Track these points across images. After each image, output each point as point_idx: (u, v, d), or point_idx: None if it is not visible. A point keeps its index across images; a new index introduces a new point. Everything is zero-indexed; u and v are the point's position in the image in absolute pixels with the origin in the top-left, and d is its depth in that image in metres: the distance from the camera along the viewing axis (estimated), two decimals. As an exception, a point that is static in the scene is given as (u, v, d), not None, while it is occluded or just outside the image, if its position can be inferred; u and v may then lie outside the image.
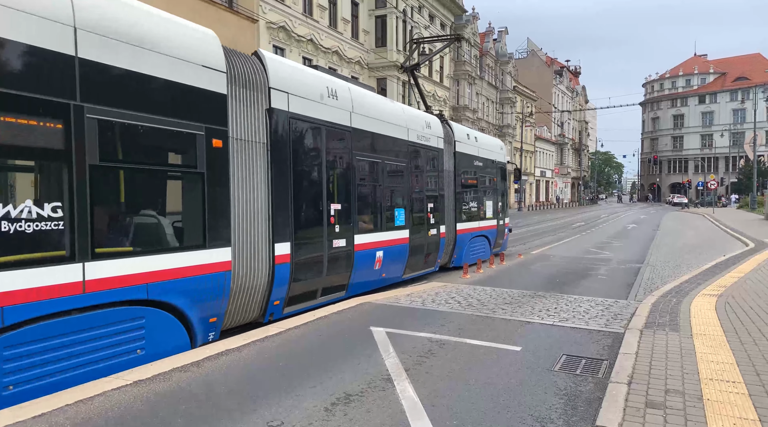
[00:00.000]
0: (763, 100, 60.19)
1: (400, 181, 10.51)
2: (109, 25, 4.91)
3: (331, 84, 8.36)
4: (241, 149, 6.53)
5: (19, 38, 4.20)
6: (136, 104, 5.14)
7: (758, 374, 4.81)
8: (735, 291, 8.95)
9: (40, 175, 4.50)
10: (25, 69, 4.27)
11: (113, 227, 5.09)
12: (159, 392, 4.60)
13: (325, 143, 8.14)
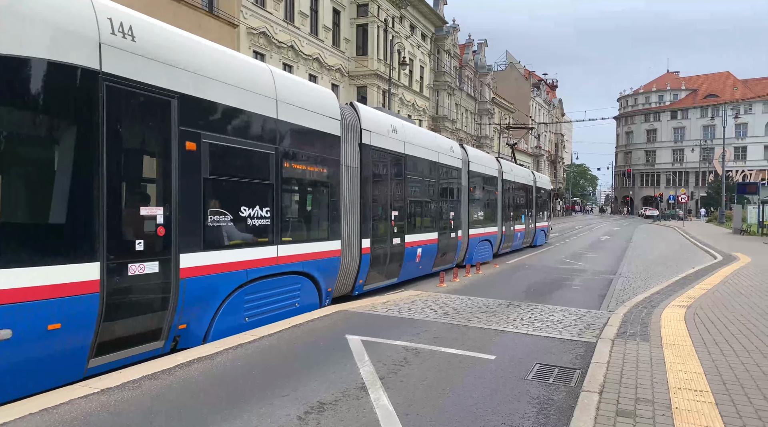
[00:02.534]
0: (732, 117, 62.05)
1: (433, 194, 13.05)
2: (291, 98, 7.65)
3: (392, 121, 11.02)
4: (346, 173, 9.16)
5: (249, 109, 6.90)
6: (301, 145, 7.92)
7: (725, 384, 4.91)
8: (703, 303, 9.16)
9: (263, 192, 7.11)
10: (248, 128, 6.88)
11: (288, 225, 7.69)
12: (127, 400, 4.50)
13: (389, 166, 10.78)
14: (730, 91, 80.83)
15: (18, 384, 4.45)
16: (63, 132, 4.78)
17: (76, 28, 4.78)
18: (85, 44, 4.83)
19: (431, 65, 44.35)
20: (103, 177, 4.93)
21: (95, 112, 4.89)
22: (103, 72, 4.95)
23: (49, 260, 4.54)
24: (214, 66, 6.33)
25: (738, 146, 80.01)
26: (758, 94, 77.28)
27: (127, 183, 5.35)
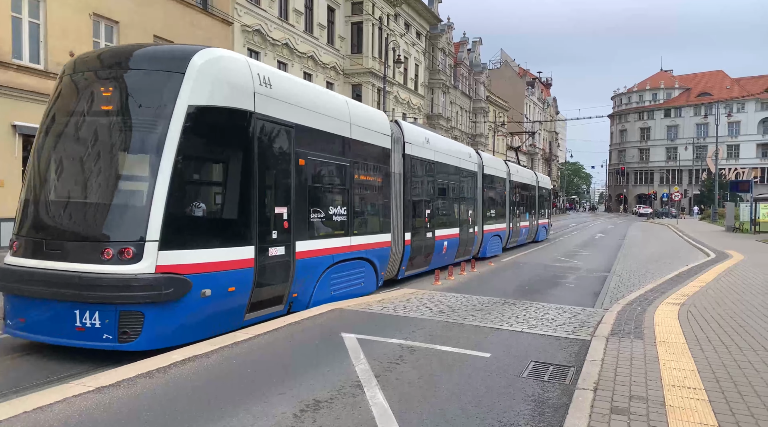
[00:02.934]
0: (725, 115, 62.41)
1: (455, 195, 14.94)
2: (358, 120, 9.63)
3: (425, 134, 13.14)
4: (394, 178, 11.00)
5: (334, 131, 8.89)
6: (365, 157, 9.91)
7: (718, 381, 4.95)
8: (697, 300, 9.22)
9: (341, 196, 9.11)
10: (334, 146, 8.89)
11: (357, 220, 9.62)
12: (122, 398, 4.48)
13: (424, 171, 12.78)
14: (723, 90, 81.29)
15: (210, 328, 6.41)
16: (234, 154, 6.70)
17: (241, 84, 6.75)
18: (247, 94, 6.81)
19: (426, 63, 44.36)
20: (255, 186, 6.86)
21: (252, 140, 6.83)
22: (255, 112, 6.90)
23: (228, 244, 6.49)
24: (314, 101, 8.32)
25: (731, 144, 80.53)
26: (751, 92, 77.73)
27: (268, 190, 7.19)
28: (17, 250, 6.08)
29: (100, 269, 5.57)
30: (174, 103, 6.00)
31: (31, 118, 15.64)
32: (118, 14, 18.31)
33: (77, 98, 6.44)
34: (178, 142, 5.92)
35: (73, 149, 6.32)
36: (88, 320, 5.59)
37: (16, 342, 6.43)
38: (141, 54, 6.58)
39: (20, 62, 15.59)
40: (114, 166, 6.20)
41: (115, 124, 6.22)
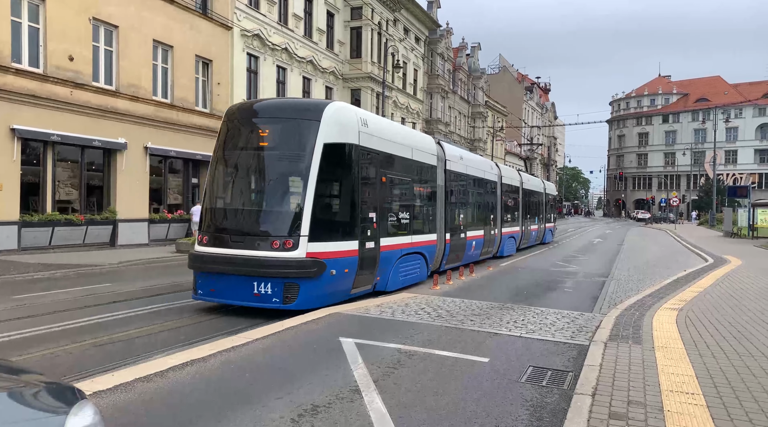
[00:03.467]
0: (722, 120, 62.58)
1: (481, 201, 17.21)
2: (416, 144, 12.11)
3: (460, 151, 15.68)
4: (438, 189, 13.31)
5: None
6: (421, 173, 12.30)
7: (716, 387, 4.95)
8: (695, 305, 9.22)
9: (406, 204, 11.54)
10: (402, 167, 11.28)
11: (414, 223, 11.77)
12: (119, 403, 4.47)
13: (459, 182, 15.07)
14: (721, 95, 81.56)
15: (333, 297, 8.87)
16: (347, 175, 9.18)
17: (351, 125, 9.32)
18: (354, 132, 9.33)
19: (425, 68, 44.45)
20: (359, 197, 9.36)
21: (356, 164, 9.40)
22: (358, 144, 9.41)
23: (344, 239, 8.96)
24: (390, 132, 10.95)
25: (729, 150, 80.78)
26: (748, 98, 77.98)
27: (365, 200, 9.65)
28: (206, 242, 8.73)
29: (271, 254, 8.15)
30: (315, 141, 8.57)
31: (29, 122, 15.65)
32: (118, 18, 18.34)
33: (241, 136, 9.26)
34: (318, 169, 8.47)
35: (242, 172, 9.28)
36: (263, 288, 8.20)
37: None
38: (288, 105, 9.82)
39: (19, 65, 15.59)
40: (276, 185, 8.93)
41: (273, 156, 8.98)
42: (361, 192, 9.48)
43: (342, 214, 9.21)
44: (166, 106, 20.29)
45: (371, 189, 9.98)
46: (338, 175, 9.10)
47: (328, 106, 9.05)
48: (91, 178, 18.28)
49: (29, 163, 16.31)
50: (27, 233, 15.79)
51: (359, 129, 9.51)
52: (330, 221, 8.91)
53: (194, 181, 22.36)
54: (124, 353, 6.21)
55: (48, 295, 9.91)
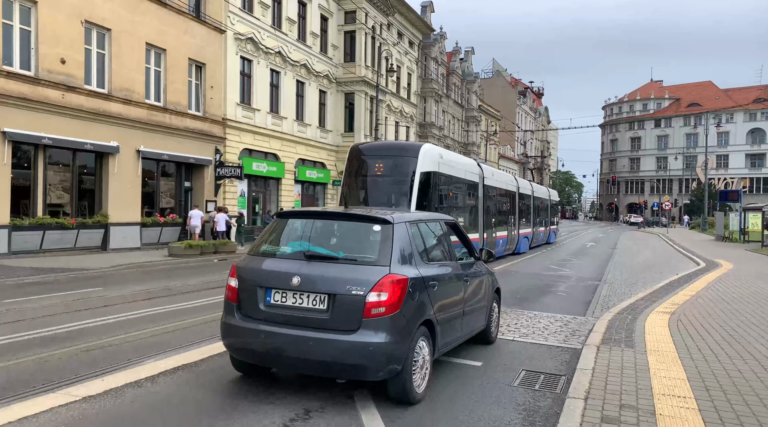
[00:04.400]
0: (714, 125, 63.08)
1: (505, 208, 21.86)
2: (465, 167, 17.13)
3: (492, 170, 20.41)
4: (479, 200, 17.80)
5: (469, 179, 17.58)
6: (471, 189, 17.42)
7: (708, 390, 4.96)
8: (687, 309, 9.26)
9: (471, 212, 17.53)
10: (464, 186, 17.01)
11: (467, 224, 16.04)
12: (110, 408, 4.43)
13: (491, 194, 19.42)
14: (713, 101, 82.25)
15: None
16: (432, 189, 13.78)
17: (435, 160, 14.03)
18: (435, 163, 13.92)
19: (418, 72, 44.57)
20: (436, 204, 13.85)
21: (436, 184, 13.96)
22: (437, 171, 14.03)
23: (473, 232, 16.49)
24: (454, 162, 16.02)
25: (720, 154, 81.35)
26: (739, 103, 78.71)
27: (440, 207, 13.85)
28: None
29: None
30: (415, 170, 13.42)
31: (21, 125, 15.54)
32: (111, 21, 18.27)
33: (366, 164, 13.99)
34: (417, 187, 13.28)
35: (369, 188, 13.91)
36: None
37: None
38: (396, 146, 16.09)
39: (10, 69, 15.50)
40: (392, 195, 13.43)
41: (387, 180, 13.67)
42: (438, 201, 14.28)
43: (466, 219, 16.36)
44: (159, 110, 20.22)
45: (443, 199, 14.86)
46: (427, 191, 13.74)
47: (421, 147, 14.06)
48: (82, 182, 18.17)
49: (20, 167, 16.19)
50: (17, 236, 15.66)
51: (438, 161, 14.41)
52: None
53: (187, 185, 22.27)
54: (115, 358, 6.15)
55: (38, 299, 9.83)
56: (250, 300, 4.76)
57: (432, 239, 5.76)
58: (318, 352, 4.40)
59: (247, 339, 4.73)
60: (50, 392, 4.82)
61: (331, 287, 4.49)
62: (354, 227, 5.19)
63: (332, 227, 5.36)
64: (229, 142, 23.63)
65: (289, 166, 27.68)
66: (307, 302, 4.56)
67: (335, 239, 5.18)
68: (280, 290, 4.66)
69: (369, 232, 4.96)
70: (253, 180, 25.82)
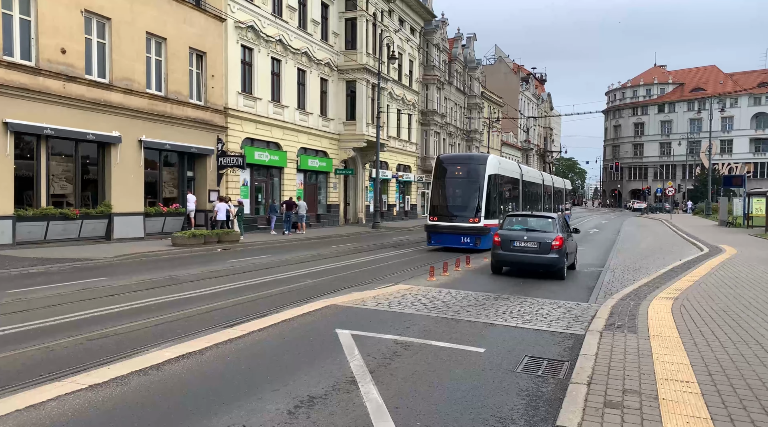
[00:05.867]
0: (718, 110, 62.61)
1: (535, 197, 26.51)
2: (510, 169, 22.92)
3: (527, 168, 26.29)
4: (520, 192, 23.30)
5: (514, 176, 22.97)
6: (512, 184, 22.48)
7: (710, 374, 4.98)
8: (690, 294, 9.26)
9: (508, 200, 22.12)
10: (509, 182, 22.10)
11: (513, 211, 21.36)
12: (115, 396, 4.47)
13: (527, 187, 24.58)
14: (717, 85, 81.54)
15: (490, 244, 14.71)
16: (494, 187, 19.37)
17: (496, 165, 19.69)
18: (496, 167, 19.51)
19: (420, 59, 44.28)
20: (498, 196, 19.63)
21: (497, 182, 19.48)
22: (497, 173, 19.57)
23: (494, 218, 18.42)
24: (506, 165, 22.26)
25: (724, 139, 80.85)
26: (744, 87, 77.97)
27: (498, 198, 19.52)
28: (435, 220, 18.98)
29: (469, 225, 18.29)
30: (485, 174, 18.66)
31: (22, 116, 15.52)
32: (110, 11, 18.16)
33: (448, 170, 19.47)
34: (487, 185, 18.56)
35: (449, 187, 19.35)
36: (465, 239, 18.50)
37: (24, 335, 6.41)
38: (470, 157, 22.05)
39: (11, 59, 15.44)
40: (468, 192, 18.79)
41: (464, 180, 19.02)
42: (498, 196, 19.56)
43: (492, 206, 18.90)
44: (160, 100, 20.16)
45: (501, 194, 20.20)
46: (492, 189, 18.91)
47: (488, 157, 19.61)
48: (85, 172, 18.18)
49: (23, 158, 16.20)
50: (22, 227, 15.72)
51: (498, 166, 19.84)
52: (489, 210, 18.57)
53: (189, 175, 22.27)
54: (120, 347, 6.20)
55: (43, 289, 9.88)
56: (505, 244, 12.62)
57: (564, 223, 13.86)
58: (534, 261, 12.31)
59: (504, 258, 12.70)
60: (56, 380, 4.86)
61: (538, 239, 12.29)
62: (540, 218, 13.58)
63: (531, 218, 13.59)
64: (230, 132, 23.58)
65: (291, 155, 27.63)
66: (529, 245, 12.31)
67: (533, 222, 13.31)
68: (518, 241, 12.48)
69: (546, 220, 13.32)
70: (256, 169, 25.79)
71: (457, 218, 18.40)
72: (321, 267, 13.84)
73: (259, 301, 9.16)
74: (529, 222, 13.19)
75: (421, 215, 45.21)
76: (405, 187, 42.47)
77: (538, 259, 12.14)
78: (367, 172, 35.05)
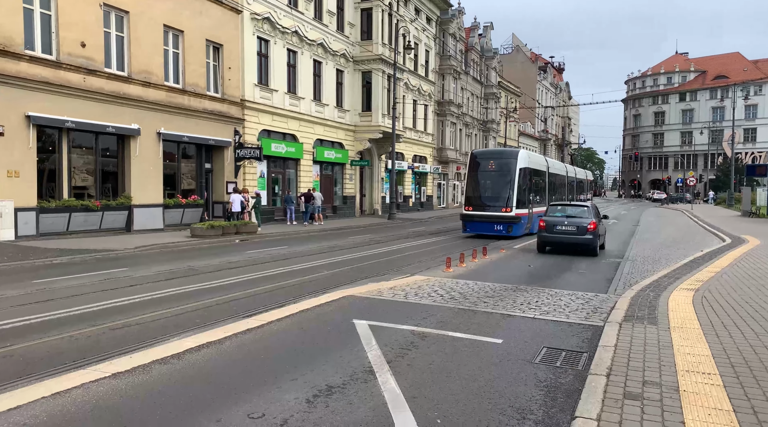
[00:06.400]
0: (742, 98, 61.24)
1: (560, 187, 28.60)
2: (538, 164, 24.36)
3: (553, 161, 29.31)
4: (546, 184, 24.98)
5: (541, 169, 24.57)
6: (539, 177, 23.87)
7: (733, 366, 4.90)
8: (712, 286, 9.12)
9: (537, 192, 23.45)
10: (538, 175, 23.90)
11: (540, 200, 23.19)
12: (138, 384, 4.55)
13: (553, 179, 26.51)
14: (740, 72, 79.65)
15: (520, 231, 20.23)
16: (525, 179, 20.83)
17: (525, 159, 21.28)
18: (526, 161, 21.14)
19: (436, 49, 43.95)
20: (528, 188, 21.13)
21: (527, 174, 21.04)
22: (527, 166, 21.17)
23: (524, 207, 20.52)
24: (534, 158, 24.09)
25: (747, 128, 79.11)
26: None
27: (528, 189, 21.12)
28: (470, 209, 20.60)
29: (501, 213, 19.83)
30: (516, 167, 20.30)
31: (44, 109, 15.77)
32: (128, 4, 18.30)
33: (481, 164, 21.25)
34: (518, 178, 20.15)
35: (482, 179, 21.07)
36: (498, 227, 19.91)
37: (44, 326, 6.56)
38: (502, 152, 24.31)
39: (32, 53, 15.67)
40: (500, 184, 20.38)
41: (497, 173, 20.64)
42: (527, 187, 20.96)
43: (522, 197, 20.41)
44: (177, 92, 20.32)
45: (531, 186, 21.66)
46: (522, 181, 20.45)
47: (519, 152, 21.52)
48: (105, 165, 18.44)
49: (45, 151, 16.48)
50: (45, 218, 16.02)
51: (527, 160, 21.46)
52: (519, 200, 20.10)
53: (207, 166, 22.46)
54: (141, 336, 6.30)
55: (66, 279, 10.08)
56: (549, 228, 15.26)
57: (596, 210, 16.35)
58: (573, 241, 14.94)
59: (549, 239, 15.35)
60: (81, 368, 4.96)
61: (576, 223, 15.00)
62: (577, 207, 16.32)
63: (570, 207, 16.35)
64: (247, 124, 23.70)
65: (307, 146, 27.70)
66: (569, 228, 15.01)
67: (571, 210, 15.89)
68: (560, 225, 15.16)
69: (582, 208, 16.01)
70: (272, 161, 25.92)
71: (491, 207, 20.06)
72: (337, 258, 13.89)
73: (276, 291, 9.24)
74: (567, 210, 15.93)
75: (438, 206, 45.06)
76: (421, 179, 42.34)
77: (576, 239, 14.90)
78: (382, 164, 35.00)
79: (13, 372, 5.02)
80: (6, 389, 4.49)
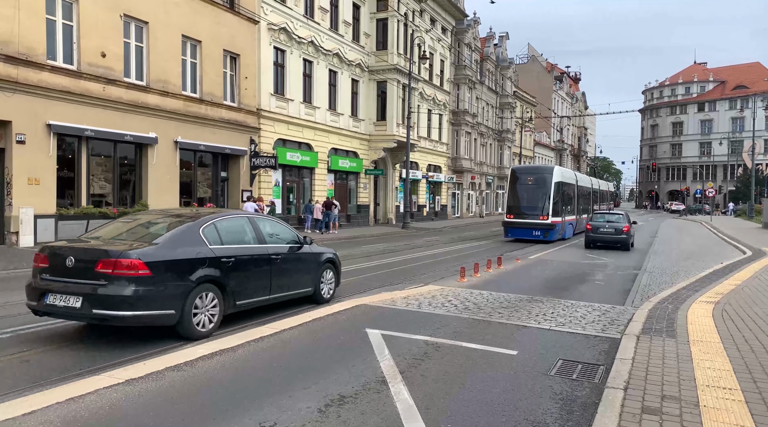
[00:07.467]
0: (762, 108, 60.31)
1: (586, 199, 31.91)
2: (568, 178, 27.58)
3: (581, 175, 33.47)
4: (574, 195, 28.34)
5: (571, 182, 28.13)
6: (569, 188, 27.18)
7: (755, 381, 4.78)
8: (732, 299, 8.93)
9: (571, 203, 27.59)
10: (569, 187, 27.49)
11: (570, 210, 27.37)
12: (151, 391, 4.56)
13: (581, 191, 30.23)
14: (761, 82, 78.52)
15: (555, 236, 23.90)
16: (560, 191, 24.90)
17: (560, 174, 25.38)
18: (561, 176, 25.76)
19: (452, 59, 44.03)
20: (562, 199, 25.13)
21: (561, 187, 25.02)
22: (561, 181, 25.09)
23: (561, 215, 24.88)
24: (565, 173, 27.59)
25: (768, 139, 77.82)
26: (790, 85, 74.89)
27: (563, 200, 25.07)
28: (511, 216, 24.34)
29: (539, 221, 23.40)
30: (552, 182, 24.05)
31: (64, 118, 16.04)
32: (147, 14, 18.62)
33: (521, 178, 25.01)
34: (553, 190, 23.89)
35: (522, 192, 24.63)
36: (536, 233, 23.37)
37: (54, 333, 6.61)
38: (540, 168, 28.96)
39: (54, 63, 15.97)
40: (538, 196, 23.94)
41: (534, 186, 24.30)
42: (560, 199, 24.09)
43: (557, 207, 23.68)
44: (195, 101, 20.56)
45: (563, 197, 24.76)
46: (556, 193, 23.81)
47: (554, 168, 25.30)
48: (123, 172, 18.68)
49: (64, 159, 16.74)
50: (64, 225, 16.24)
51: (561, 174, 25.13)
52: (554, 210, 23.38)
53: (223, 175, 22.64)
54: (155, 343, 6.32)
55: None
56: (594, 230, 20.88)
57: (628, 217, 21.78)
58: (612, 239, 20.45)
59: (594, 238, 20.79)
60: (95, 374, 4.99)
61: (615, 226, 20.58)
62: (614, 214, 22.14)
63: (608, 214, 22.39)
64: (263, 133, 23.89)
65: (322, 155, 27.83)
66: (609, 230, 20.54)
67: (610, 216, 21.78)
68: (602, 228, 20.74)
69: (619, 215, 21.72)
70: (288, 170, 26.06)
71: (529, 216, 23.57)
72: (351, 267, 13.88)
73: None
74: (607, 216, 21.75)
75: (452, 216, 44.88)
76: (435, 188, 42.27)
77: (614, 238, 20.21)
78: (397, 173, 35.03)
79: (29, 377, 5.06)
80: (21, 393, 4.53)
